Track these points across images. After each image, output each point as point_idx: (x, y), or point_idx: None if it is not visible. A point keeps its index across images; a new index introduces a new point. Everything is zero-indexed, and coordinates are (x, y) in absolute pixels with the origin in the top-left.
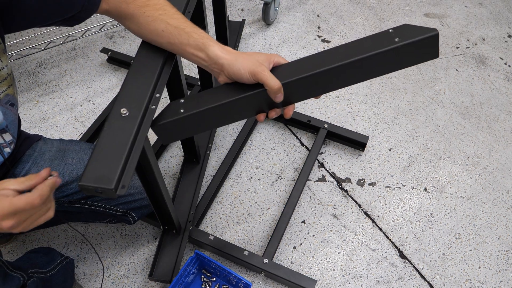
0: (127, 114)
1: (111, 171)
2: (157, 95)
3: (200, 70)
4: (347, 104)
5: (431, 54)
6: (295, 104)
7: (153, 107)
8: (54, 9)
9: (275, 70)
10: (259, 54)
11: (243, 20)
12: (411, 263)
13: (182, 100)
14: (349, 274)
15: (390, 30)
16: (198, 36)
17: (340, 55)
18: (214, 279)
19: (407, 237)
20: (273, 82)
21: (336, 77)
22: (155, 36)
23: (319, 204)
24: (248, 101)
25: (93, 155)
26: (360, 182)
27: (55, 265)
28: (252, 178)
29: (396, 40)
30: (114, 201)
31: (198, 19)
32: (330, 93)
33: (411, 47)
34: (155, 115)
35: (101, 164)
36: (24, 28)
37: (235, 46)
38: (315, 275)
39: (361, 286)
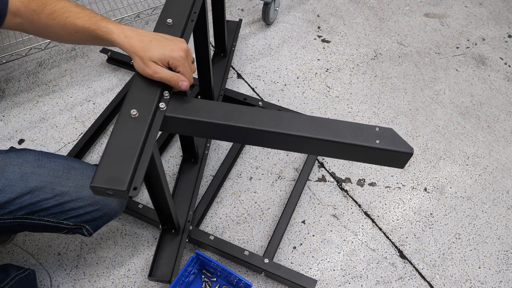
0: (137, 115)
1: (123, 173)
2: (166, 94)
3: (200, 71)
4: (347, 104)
5: (398, 164)
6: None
7: (162, 106)
8: None
9: None
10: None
11: (240, 20)
12: (411, 263)
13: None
14: (349, 274)
15: (377, 129)
16: (101, 32)
17: (324, 130)
18: (215, 279)
19: (407, 237)
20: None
21: (314, 147)
22: (74, 37)
23: (319, 204)
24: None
25: (104, 156)
26: (360, 182)
27: (8, 281)
28: (252, 178)
29: (376, 141)
30: (63, 215)
31: (201, 20)
32: (330, 93)
33: (385, 153)
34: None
35: (113, 165)
36: None
37: (232, 46)
38: (315, 275)
39: (361, 286)
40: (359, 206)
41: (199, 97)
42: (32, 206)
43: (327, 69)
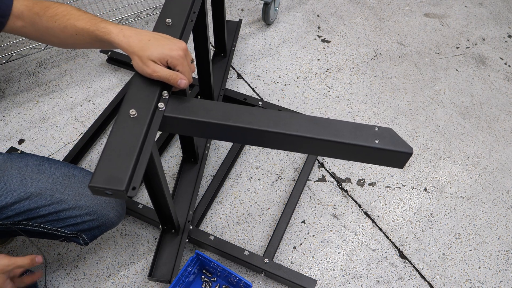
0: (136, 115)
1: (122, 173)
2: (165, 94)
3: (200, 71)
4: (347, 104)
5: (397, 164)
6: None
7: (161, 106)
8: None
9: None
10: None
11: (240, 20)
12: (411, 263)
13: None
14: (349, 274)
15: (376, 129)
16: (100, 33)
17: (323, 129)
18: (215, 279)
19: (407, 237)
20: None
21: (313, 147)
22: (74, 40)
23: (319, 204)
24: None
25: (103, 156)
26: (360, 182)
27: None
28: (252, 178)
29: (376, 141)
30: (60, 222)
31: (200, 20)
32: (330, 93)
33: (385, 152)
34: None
35: (111, 165)
36: None
37: (232, 46)
38: (315, 275)
39: (361, 286)
40: (359, 206)
41: (199, 97)
42: (29, 212)
43: (327, 69)
